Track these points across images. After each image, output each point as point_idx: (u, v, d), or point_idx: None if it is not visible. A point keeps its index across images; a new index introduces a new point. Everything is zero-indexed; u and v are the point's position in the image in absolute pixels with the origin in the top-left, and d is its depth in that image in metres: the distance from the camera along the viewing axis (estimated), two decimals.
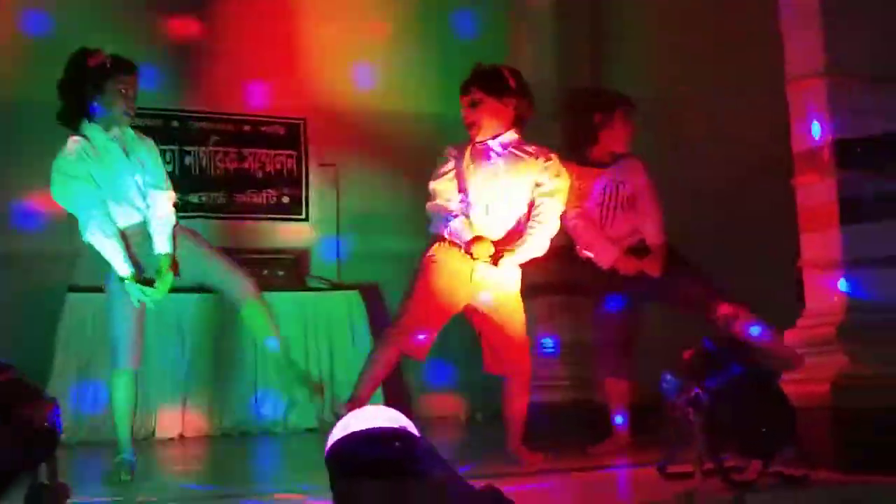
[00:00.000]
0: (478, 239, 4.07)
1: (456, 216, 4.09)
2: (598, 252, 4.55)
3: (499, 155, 4.15)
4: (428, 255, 4.14)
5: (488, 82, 4.15)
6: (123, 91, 3.98)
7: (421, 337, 4.06)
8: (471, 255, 4.06)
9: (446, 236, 4.11)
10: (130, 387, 4.05)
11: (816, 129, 3.77)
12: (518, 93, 4.17)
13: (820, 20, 3.80)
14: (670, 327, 4.41)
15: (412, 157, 5.52)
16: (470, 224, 4.09)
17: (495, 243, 4.09)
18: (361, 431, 2.80)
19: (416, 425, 2.93)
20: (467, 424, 6.65)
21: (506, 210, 4.14)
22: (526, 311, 5.48)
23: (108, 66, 3.96)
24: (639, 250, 4.52)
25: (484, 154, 4.15)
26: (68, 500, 2.51)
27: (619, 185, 4.61)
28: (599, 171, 4.64)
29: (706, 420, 3.18)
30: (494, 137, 4.15)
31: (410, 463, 2.69)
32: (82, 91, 3.97)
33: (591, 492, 3.46)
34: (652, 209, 4.57)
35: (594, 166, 4.64)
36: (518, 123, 4.20)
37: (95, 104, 3.97)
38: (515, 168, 4.14)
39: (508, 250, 4.10)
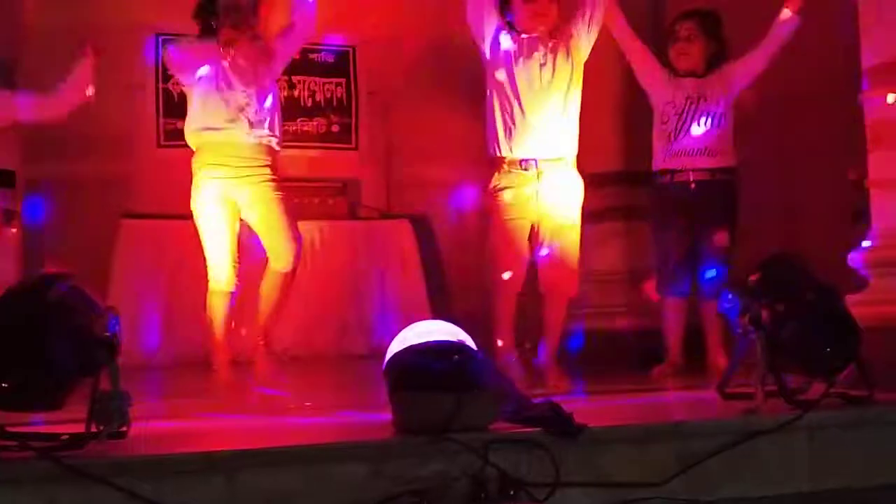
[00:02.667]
0: None
1: None
2: None
3: None
4: (491, 187, 4.11)
5: None
6: None
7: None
8: None
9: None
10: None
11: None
12: None
13: None
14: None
15: (462, 86, 5.44)
16: None
17: None
18: (419, 344, 2.80)
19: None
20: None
21: None
22: (582, 236, 5.45)
23: None
24: (705, 182, 4.43)
25: None
26: (130, 407, 2.52)
27: (700, 100, 4.51)
28: (681, 80, 4.57)
29: (769, 339, 3.11)
30: None
31: (468, 376, 2.68)
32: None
33: (649, 411, 3.42)
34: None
35: (678, 75, 4.59)
36: None
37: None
38: None
39: None
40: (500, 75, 4.10)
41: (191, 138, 4.19)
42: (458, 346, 2.80)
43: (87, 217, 6.14)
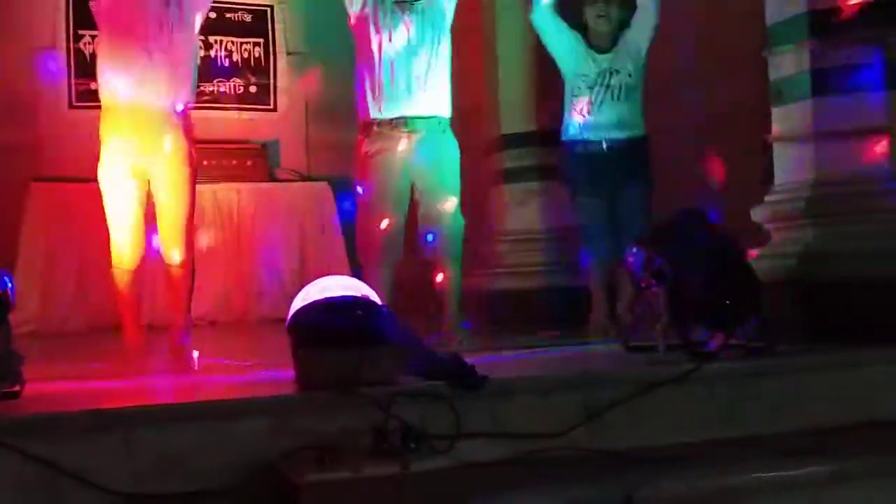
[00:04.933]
0: None
1: None
2: None
3: None
4: (363, 152, 4.07)
5: None
6: None
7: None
8: None
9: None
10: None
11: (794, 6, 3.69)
12: None
13: None
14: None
15: None
16: None
17: None
18: (322, 300, 2.78)
19: None
20: None
21: None
22: (499, 196, 5.47)
23: None
24: (622, 148, 4.47)
25: None
26: (22, 368, 2.47)
27: (612, 74, 4.51)
28: (595, 53, 4.55)
29: (670, 292, 3.16)
30: None
31: (373, 330, 2.68)
32: None
33: (553, 364, 3.46)
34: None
35: (592, 46, 4.57)
36: None
37: None
38: None
39: None
40: (367, 37, 4.07)
41: (104, 96, 3.83)
42: (362, 302, 2.79)
43: None
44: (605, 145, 4.47)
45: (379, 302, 2.89)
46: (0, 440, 2.29)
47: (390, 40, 4.02)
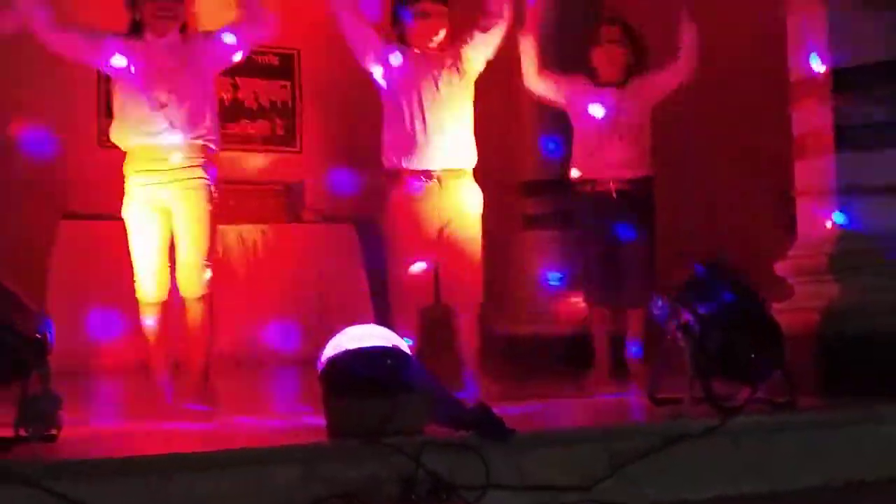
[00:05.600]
0: None
1: None
2: None
3: None
4: (390, 200, 4.15)
5: None
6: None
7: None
8: None
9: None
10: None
11: (815, 59, 3.75)
12: None
13: None
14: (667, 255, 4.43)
15: None
16: None
17: None
18: (353, 349, 2.83)
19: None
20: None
21: None
22: (519, 244, 5.51)
23: None
24: (625, 192, 4.50)
25: None
26: (60, 411, 2.52)
27: (619, 112, 4.55)
28: (601, 91, 4.58)
29: (696, 346, 3.20)
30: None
31: (401, 380, 2.72)
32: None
33: (579, 415, 3.49)
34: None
35: (598, 85, 4.61)
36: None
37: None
38: None
39: None
40: (393, 90, 4.16)
41: (118, 141, 3.97)
42: (391, 351, 2.84)
43: (25, 218, 6.08)
44: (612, 187, 4.51)
45: (408, 351, 2.93)
46: (36, 483, 2.33)
47: (416, 93, 4.10)
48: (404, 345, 2.96)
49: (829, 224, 3.71)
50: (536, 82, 4.60)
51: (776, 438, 3.09)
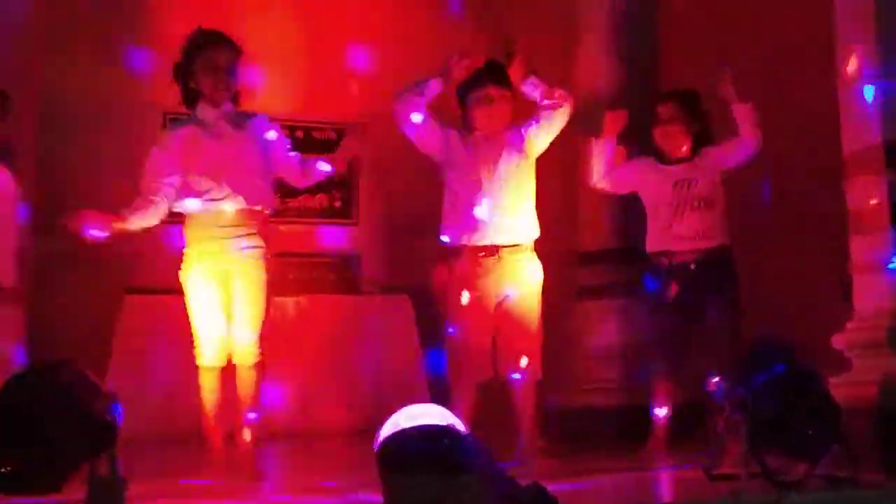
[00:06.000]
0: None
1: None
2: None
3: None
4: (451, 275, 4.23)
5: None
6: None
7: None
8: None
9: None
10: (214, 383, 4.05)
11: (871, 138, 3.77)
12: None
13: (875, 23, 3.81)
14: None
15: None
16: None
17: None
18: (411, 428, 2.86)
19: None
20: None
21: None
22: (576, 314, 5.51)
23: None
24: (704, 262, 4.51)
25: None
26: (126, 492, 2.59)
27: (689, 185, 4.59)
28: (669, 167, 4.65)
29: (751, 421, 3.19)
30: None
31: (458, 459, 2.75)
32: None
33: (636, 491, 3.48)
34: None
35: (665, 163, 4.67)
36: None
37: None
38: None
39: None
40: (456, 170, 4.29)
41: (178, 206, 4.11)
42: (448, 430, 2.87)
43: (90, 292, 6.24)
44: (692, 261, 4.52)
45: (464, 430, 2.96)
46: None
47: (478, 173, 4.20)
48: (460, 424, 2.99)
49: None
50: (603, 183, 4.72)
51: None
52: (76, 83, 6.50)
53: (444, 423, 2.90)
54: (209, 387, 4.06)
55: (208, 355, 4.05)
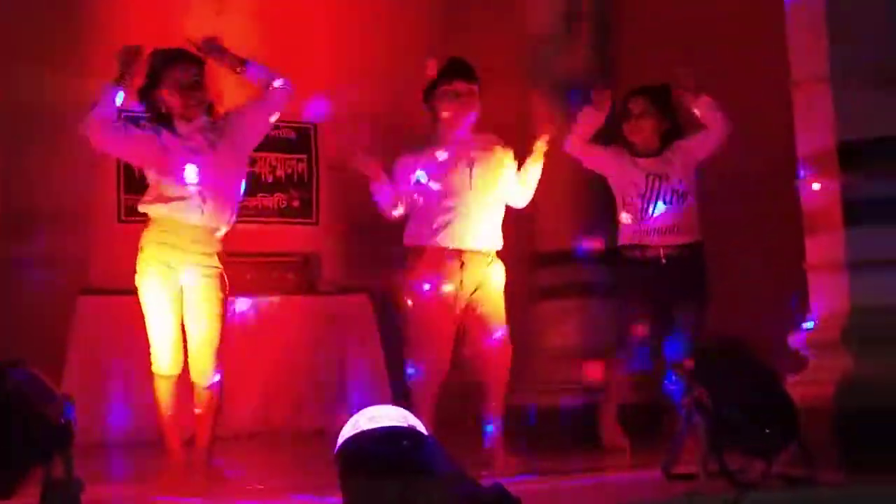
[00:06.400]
0: None
1: None
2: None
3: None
4: (415, 276, 4.19)
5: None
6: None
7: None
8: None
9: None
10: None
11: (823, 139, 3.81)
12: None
13: (825, 24, 3.84)
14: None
15: None
16: None
17: None
18: (371, 430, 2.84)
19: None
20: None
21: None
22: (535, 314, 5.52)
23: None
24: (674, 257, 4.54)
25: None
26: (82, 494, 2.55)
27: (662, 178, 4.61)
28: (639, 160, 4.67)
29: (710, 421, 3.21)
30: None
31: (418, 461, 2.73)
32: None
33: (594, 492, 3.49)
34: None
35: (635, 154, 4.69)
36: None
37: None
38: None
39: None
40: (426, 180, 4.24)
41: (145, 208, 4.03)
42: (408, 432, 2.85)
43: (45, 293, 6.15)
44: (661, 253, 4.54)
45: (425, 432, 2.95)
46: None
47: (451, 186, 4.17)
48: (421, 425, 2.98)
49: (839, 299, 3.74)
50: (577, 150, 4.72)
51: None
52: (34, 89, 6.40)
53: (405, 424, 2.89)
54: (165, 394, 4.00)
55: (164, 363, 4.00)
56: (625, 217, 4.67)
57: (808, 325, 3.88)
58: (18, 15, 6.43)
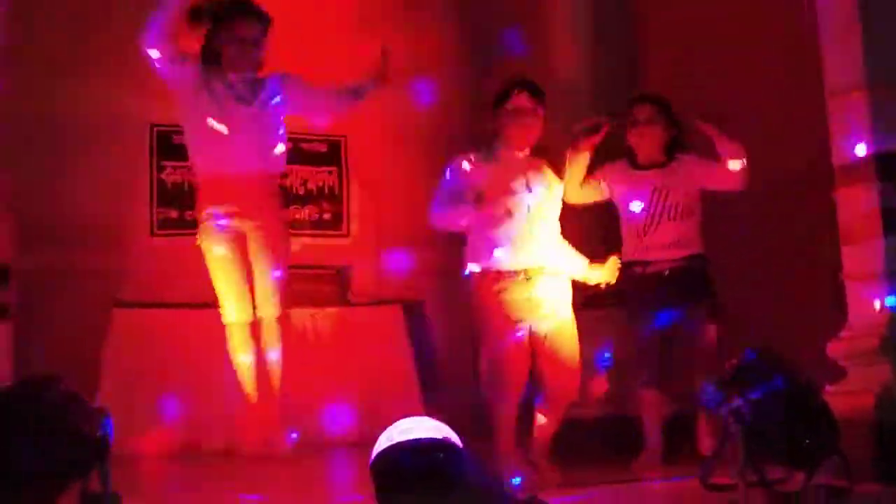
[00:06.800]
0: None
1: None
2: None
3: None
4: (483, 293, 4.15)
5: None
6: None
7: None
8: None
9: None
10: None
11: (861, 148, 3.77)
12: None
13: (859, 32, 3.80)
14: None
15: None
16: None
17: None
18: (405, 442, 2.83)
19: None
20: None
21: None
22: None
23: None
24: (677, 270, 4.49)
25: None
26: None
27: (666, 192, 4.54)
28: (645, 173, 4.61)
29: (749, 431, 3.18)
30: None
31: (454, 473, 2.72)
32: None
33: (632, 502, 3.46)
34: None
35: (639, 169, 4.63)
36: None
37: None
38: None
39: None
40: (484, 198, 4.18)
41: (195, 171, 4.28)
42: (443, 444, 2.84)
43: (79, 307, 6.19)
44: (665, 268, 4.50)
45: (459, 443, 2.94)
46: None
47: (507, 196, 4.15)
48: (455, 437, 2.96)
49: (877, 305, 3.69)
50: (578, 195, 4.60)
51: None
52: (71, 102, 6.45)
53: (439, 436, 2.87)
54: (239, 345, 4.30)
55: (234, 312, 4.35)
56: (628, 231, 4.62)
57: (844, 334, 3.83)
58: (55, 28, 6.50)
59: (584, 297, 5.66)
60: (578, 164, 4.51)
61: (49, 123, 6.43)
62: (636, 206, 4.54)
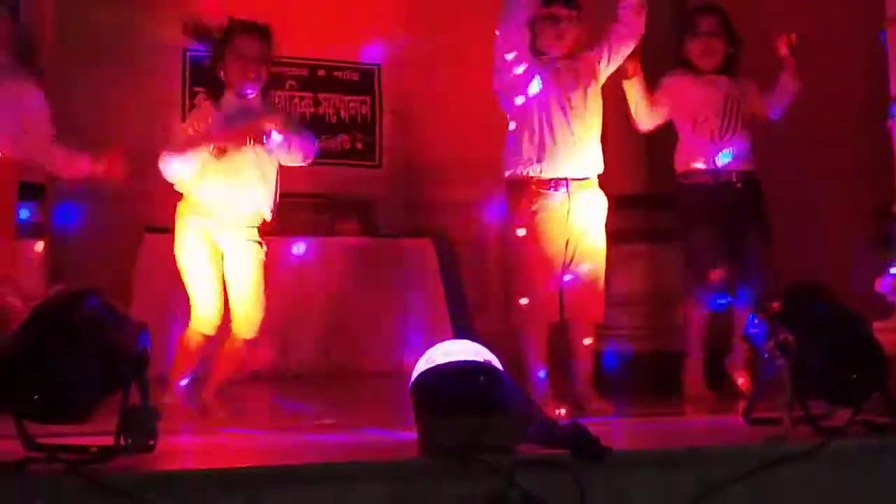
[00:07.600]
0: None
1: None
2: None
3: None
4: (521, 209, 4.06)
5: None
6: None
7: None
8: None
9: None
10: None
11: None
12: None
13: None
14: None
15: (486, 106, 5.45)
16: None
17: None
18: (446, 365, 2.80)
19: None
20: None
21: None
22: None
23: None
24: (750, 184, 4.38)
25: None
26: (157, 423, 2.53)
27: (740, 101, 4.46)
28: (716, 78, 4.49)
29: (795, 366, 3.10)
30: None
31: (494, 397, 2.68)
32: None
33: (674, 436, 3.41)
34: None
35: (703, 73, 4.51)
36: None
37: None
38: None
39: None
40: (520, 100, 4.10)
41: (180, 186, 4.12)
42: (484, 367, 2.80)
43: (111, 230, 6.17)
44: (735, 178, 4.39)
45: (500, 367, 2.89)
46: (133, 495, 2.33)
47: (546, 103, 4.05)
48: (496, 361, 2.92)
49: None
50: (650, 120, 4.51)
51: (880, 462, 2.97)
52: (108, 31, 6.40)
53: (480, 359, 2.83)
54: (194, 348, 4.11)
55: (205, 323, 4.09)
56: (696, 136, 4.47)
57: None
58: None
59: (616, 232, 5.63)
60: (636, 89, 4.41)
61: (87, 45, 6.38)
62: (709, 109, 4.43)
